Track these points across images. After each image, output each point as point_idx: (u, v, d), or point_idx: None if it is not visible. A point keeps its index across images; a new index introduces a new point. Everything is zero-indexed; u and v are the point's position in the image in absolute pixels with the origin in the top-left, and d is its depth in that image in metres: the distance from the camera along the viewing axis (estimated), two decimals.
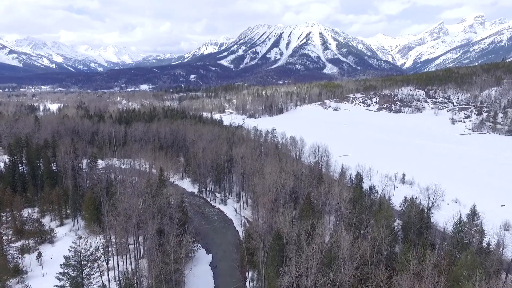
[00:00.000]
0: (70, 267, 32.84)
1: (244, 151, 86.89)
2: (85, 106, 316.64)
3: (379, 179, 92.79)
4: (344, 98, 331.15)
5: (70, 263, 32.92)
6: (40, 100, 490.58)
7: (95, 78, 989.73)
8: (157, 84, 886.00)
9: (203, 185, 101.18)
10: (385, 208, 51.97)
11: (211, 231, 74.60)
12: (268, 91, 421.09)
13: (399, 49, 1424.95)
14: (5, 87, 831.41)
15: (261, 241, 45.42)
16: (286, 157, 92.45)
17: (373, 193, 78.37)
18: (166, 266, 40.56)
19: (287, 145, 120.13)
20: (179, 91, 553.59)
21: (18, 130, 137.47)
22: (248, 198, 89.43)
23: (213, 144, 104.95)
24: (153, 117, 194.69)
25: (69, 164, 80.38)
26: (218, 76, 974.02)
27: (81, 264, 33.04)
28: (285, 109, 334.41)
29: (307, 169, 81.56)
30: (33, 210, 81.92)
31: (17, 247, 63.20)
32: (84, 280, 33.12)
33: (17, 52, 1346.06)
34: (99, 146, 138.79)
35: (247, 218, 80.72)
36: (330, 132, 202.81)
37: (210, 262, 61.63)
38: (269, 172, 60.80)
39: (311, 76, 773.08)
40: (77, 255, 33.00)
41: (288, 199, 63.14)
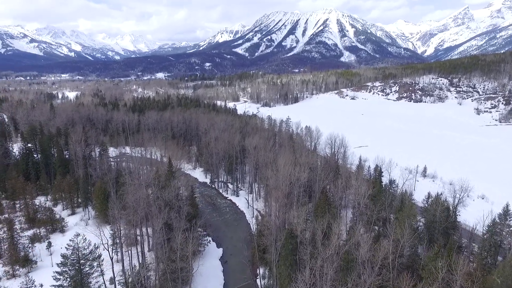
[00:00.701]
0: (67, 266, 31.00)
1: (257, 141, 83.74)
2: (101, 94, 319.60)
3: (399, 172, 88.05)
4: (362, 86, 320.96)
5: (67, 262, 31.08)
6: (59, 88, 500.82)
7: (112, 66, 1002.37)
8: (173, 72, 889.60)
9: (215, 175, 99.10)
10: (409, 207, 47.96)
11: (222, 224, 72.54)
12: (283, 80, 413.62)
13: (420, 36, 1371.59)
14: (27, 75, 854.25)
15: (273, 239, 42.59)
16: (301, 148, 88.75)
17: (393, 187, 74.11)
18: (172, 264, 38.45)
19: (302, 135, 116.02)
20: (194, 80, 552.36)
21: (34, 117, 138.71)
22: (261, 189, 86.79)
23: (226, 133, 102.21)
24: (167, 106, 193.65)
25: (80, 152, 79.45)
26: (233, 64, 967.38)
27: (79, 263, 31.21)
28: (300, 98, 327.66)
29: (322, 161, 77.73)
30: (46, 198, 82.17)
31: (28, 236, 63.06)
32: (84, 279, 31.27)
33: (38, 41, 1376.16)
34: (112, 135, 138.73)
35: (259, 210, 78.21)
36: (346, 122, 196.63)
37: (221, 257, 59.56)
38: (283, 165, 57.53)
39: (328, 64, 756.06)
40: (75, 253, 31.10)
41: (303, 193, 59.90)
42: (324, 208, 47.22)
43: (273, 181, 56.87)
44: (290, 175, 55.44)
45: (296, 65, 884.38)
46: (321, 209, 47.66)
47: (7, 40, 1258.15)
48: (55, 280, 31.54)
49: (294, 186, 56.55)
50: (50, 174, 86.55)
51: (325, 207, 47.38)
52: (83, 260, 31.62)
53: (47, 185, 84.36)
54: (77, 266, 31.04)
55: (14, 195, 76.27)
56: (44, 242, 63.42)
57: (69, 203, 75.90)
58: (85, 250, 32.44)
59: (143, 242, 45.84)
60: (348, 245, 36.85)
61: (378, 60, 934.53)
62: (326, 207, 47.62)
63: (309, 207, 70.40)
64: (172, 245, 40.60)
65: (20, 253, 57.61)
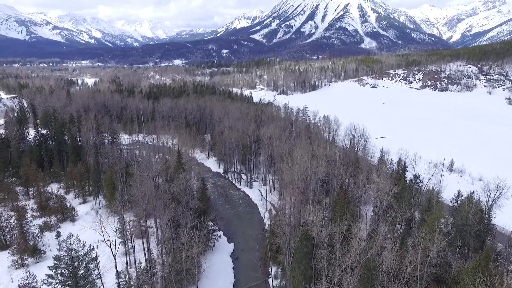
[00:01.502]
0: (60, 269, 28.68)
1: (272, 131, 79.74)
2: (119, 81, 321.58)
3: (423, 166, 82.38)
4: (383, 74, 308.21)
5: (59, 266, 28.69)
6: (79, 75, 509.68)
7: (131, 53, 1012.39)
8: (190, 59, 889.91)
9: (229, 165, 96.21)
10: (439, 208, 43.19)
11: (234, 217, 69.78)
12: (301, 67, 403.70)
13: (446, 21, 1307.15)
14: (50, 62, 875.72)
15: (286, 240, 39.14)
16: (319, 139, 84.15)
17: (417, 183, 68.89)
18: (177, 264, 35.81)
19: (319, 125, 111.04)
20: (211, 66, 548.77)
21: (51, 104, 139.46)
22: (276, 181, 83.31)
23: (240, 122, 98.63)
24: (182, 93, 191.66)
25: (91, 140, 78.03)
26: (251, 51, 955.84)
27: (73, 266, 28.86)
28: (318, 85, 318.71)
29: (341, 154, 72.98)
30: (59, 185, 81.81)
31: (39, 224, 62.42)
32: (79, 282, 28.93)
33: (60, 28, 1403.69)
34: (127, 122, 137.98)
35: (273, 204, 74.93)
36: (366, 111, 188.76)
37: (231, 253, 56.87)
38: (299, 158, 53.53)
39: (347, 51, 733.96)
40: (69, 254, 28.72)
41: (319, 188, 55.93)
42: (343, 207, 43.22)
43: (288, 175, 53.11)
44: (307, 169, 51.46)
45: (315, 52, 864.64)
46: (340, 208, 43.69)
47: (31, 28, 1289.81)
48: (47, 284, 29.36)
49: (310, 181, 52.59)
50: (63, 161, 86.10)
51: (344, 206, 43.35)
52: (77, 262, 29.25)
53: (60, 172, 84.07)
54: (70, 268, 28.71)
55: (27, 182, 76.15)
56: (54, 231, 62.93)
57: (80, 191, 75.07)
58: (80, 251, 29.98)
59: (149, 238, 43.37)
60: (371, 252, 32.88)
61: (400, 46, 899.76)
62: (345, 206, 43.57)
63: (326, 201, 66.56)
64: (177, 244, 37.89)
65: (30, 242, 57.02)
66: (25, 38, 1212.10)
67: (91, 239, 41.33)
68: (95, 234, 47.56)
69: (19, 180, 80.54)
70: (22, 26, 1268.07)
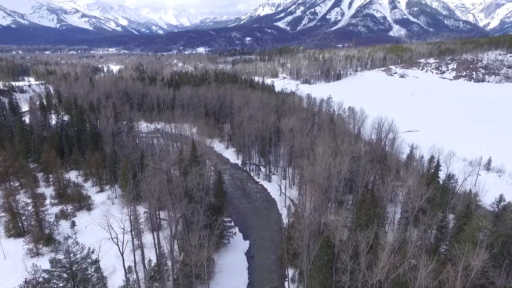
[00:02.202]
0: (57, 273, 26.71)
1: (294, 123, 75.58)
2: (142, 68, 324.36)
3: (456, 164, 75.92)
4: (413, 63, 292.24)
5: (55, 272, 26.67)
6: (106, 62, 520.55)
7: (156, 41, 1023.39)
8: (213, 47, 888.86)
9: (247, 157, 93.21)
10: (480, 216, 37.99)
11: (251, 212, 66.99)
12: (326, 55, 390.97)
13: (484, 7, 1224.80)
14: (78, 49, 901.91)
15: (305, 245, 35.69)
16: (343, 132, 79.12)
17: (451, 183, 63.07)
18: (186, 267, 33.38)
19: (344, 117, 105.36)
20: (233, 54, 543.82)
21: (75, 90, 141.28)
22: (295, 175, 79.57)
23: (260, 112, 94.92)
24: (203, 81, 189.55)
25: (108, 128, 77.12)
26: (274, 39, 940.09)
27: (71, 270, 26.88)
28: (343, 75, 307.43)
29: (368, 149, 67.79)
30: (78, 173, 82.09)
31: (56, 212, 62.37)
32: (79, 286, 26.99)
33: (88, 16, 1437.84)
34: (147, 110, 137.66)
35: (292, 199, 71.49)
36: (394, 102, 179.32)
37: (247, 251, 54.28)
38: (321, 154, 49.41)
39: (375, 39, 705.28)
40: (67, 257, 26.71)
41: (343, 187, 51.75)
42: (369, 211, 39.01)
43: (308, 172, 49.26)
44: (329, 167, 47.33)
45: (340, 40, 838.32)
46: (365, 211, 39.52)
47: (62, 16, 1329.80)
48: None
49: (333, 179, 48.47)
50: (83, 149, 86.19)
51: (370, 210, 39.13)
52: (76, 266, 27.28)
53: (80, 160, 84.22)
54: (69, 272, 26.76)
55: (47, 169, 76.66)
56: (70, 220, 62.75)
57: (97, 180, 74.67)
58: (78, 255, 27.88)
59: (159, 234, 41.21)
60: (402, 267, 28.84)
61: (432, 34, 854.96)
62: (372, 210, 39.31)
63: (348, 201, 62.25)
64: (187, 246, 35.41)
65: (46, 230, 56.94)
66: (56, 26, 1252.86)
67: (102, 232, 39.73)
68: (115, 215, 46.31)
69: (40, 166, 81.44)
70: (53, 14, 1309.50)
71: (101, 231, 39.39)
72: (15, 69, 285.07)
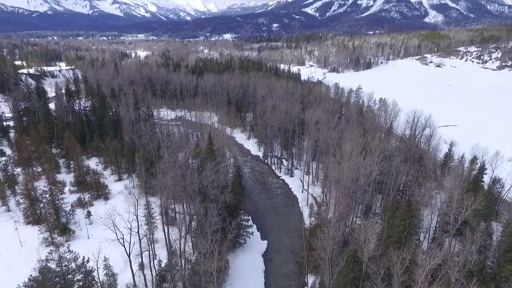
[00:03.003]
0: (47, 284, 24.33)
1: (320, 115, 70.30)
2: (168, 54, 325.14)
3: (502, 165, 67.87)
4: (451, 52, 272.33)
5: (45, 284, 24.22)
6: (134, 48, 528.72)
7: (183, 27, 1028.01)
8: (240, 33, 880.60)
9: (269, 149, 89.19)
10: None
11: (271, 209, 63.36)
12: (356, 42, 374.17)
13: None
14: (109, 35, 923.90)
15: (328, 258, 31.56)
16: (373, 126, 72.85)
17: (496, 188, 56.05)
18: (195, 276, 30.39)
19: (373, 108, 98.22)
20: (259, 41, 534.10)
21: (101, 76, 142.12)
22: (319, 171, 74.83)
23: (284, 102, 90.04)
24: (228, 68, 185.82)
25: (128, 116, 75.49)
26: (302, 25, 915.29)
27: (64, 280, 24.47)
28: (374, 63, 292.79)
29: (401, 145, 61.49)
30: (99, 160, 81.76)
31: (73, 201, 61.90)
32: None
33: (119, 2, 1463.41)
34: (170, 97, 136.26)
35: (315, 197, 67.10)
36: (429, 94, 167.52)
37: (264, 252, 50.93)
38: (349, 152, 44.45)
39: (409, 26, 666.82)
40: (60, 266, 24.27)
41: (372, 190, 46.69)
42: (404, 222, 33.90)
43: (334, 172, 44.55)
44: (358, 167, 42.36)
45: (371, 27, 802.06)
46: (399, 222, 34.46)
47: (94, 2, 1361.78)
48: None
49: (361, 181, 43.52)
50: (104, 136, 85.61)
51: (405, 221, 33.98)
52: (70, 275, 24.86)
53: (101, 147, 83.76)
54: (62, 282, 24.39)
55: (68, 155, 76.66)
56: (87, 209, 62.12)
57: (116, 168, 73.64)
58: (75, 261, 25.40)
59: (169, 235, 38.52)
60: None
61: (472, 20, 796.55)
62: (407, 221, 34.13)
63: (376, 199, 57.01)
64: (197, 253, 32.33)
65: (62, 219, 56.42)
66: (88, 12, 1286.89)
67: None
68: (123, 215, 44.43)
69: (62, 152, 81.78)
70: (86, 0, 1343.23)
71: (117, 223, 37.38)
72: (48, 55, 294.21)
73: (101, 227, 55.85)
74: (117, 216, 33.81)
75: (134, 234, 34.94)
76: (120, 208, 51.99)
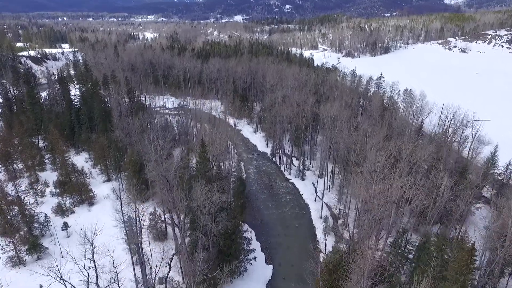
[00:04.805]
0: None
1: (337, 111, 59.75)
2: (176, 37, 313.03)
3: None
4: (478, 36, 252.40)
5: None
6: (143, 29, 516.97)
7: (193, 8, 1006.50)
8: (251, 15, 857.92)
9: (278, 145, 79.46)
10: None
11: (278, 221, 54.36)
12: (373, 25, 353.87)
13: None
14: (119, 17, 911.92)
15: None
16: (402, 124, 61.92)
17: None
18: None
19: (398, 101, 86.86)
20: (271, 23, 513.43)
21: (99, 60, 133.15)
22: (336, 173, 65.18)
23: (296, 93, 79.59)
24: (236, 52, 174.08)
25: (117, 108, 66.57)
26: (315, 6, 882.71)
27: None
28: (392, 47, 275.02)
29: (434, 149, 50.72)
30: (88, 155, 73.66)
31: (52, 207, 54.13)
32: None
33: None
34: (172, 83, 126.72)
35: (330, 207, 57.75)
36: (453, 82, 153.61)
37: (269, 281, 42.23)
38: (378, 170, 34.56)
39: (427, 8, 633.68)
40: None
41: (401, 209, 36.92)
42: (464, 278, 24.12)
43: (357, 190, 34.89)
44: (391, 189, 32.44)
45: (388, 9, 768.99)
46: (455, 277, 24.77)
47: None
48: None
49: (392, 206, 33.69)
50: (96, 128, 77.08)
51: (465, 276, 24.26)
52: None
53: (90, 141, 75.44)
54: None
55: (53, 150, 68.66)
56: (68, 215, 54.39)
57: (104, 167, 65.37)
58: None
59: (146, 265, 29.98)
60: None
61: (496, 2, 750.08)
62: (465, 277, 24.37)
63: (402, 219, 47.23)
64: None
65: (35, 231, 48.81)
66: None
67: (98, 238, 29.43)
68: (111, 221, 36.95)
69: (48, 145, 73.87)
70: None
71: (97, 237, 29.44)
72: (52, 36, 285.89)
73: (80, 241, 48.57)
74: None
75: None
76: (106, 217, 44.20)
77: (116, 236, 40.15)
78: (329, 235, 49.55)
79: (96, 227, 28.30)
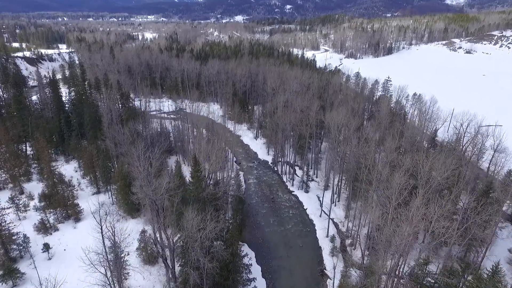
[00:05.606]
0: None
1: (344, 118, 55.20)
2: (176, 37, 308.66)
3: None
4: (483, 36, 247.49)
5: None
6: (143, 30, 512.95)
7: (194, 8, 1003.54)
8: (252, 15, 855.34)
9: (280, 154, 74.91)
10: None
11: (280, 240, 49.79)
12: (375, 25, 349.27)
13: None
14: (119, 17, 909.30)
15: None
16: (414, 133, 57.26)
17: None
18: None
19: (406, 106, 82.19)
20: (271, 23, 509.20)
21: (94, 61, 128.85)
22: (343, 185, 60.69)
23: (299, 98, 75.02)
24: (236, 53, 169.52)
25: (107, 115, 62.12)
26: (316, 7, 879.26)
27: None
28: (394, 48, 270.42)
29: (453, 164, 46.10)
30: (78, 164, 69.12)
31: (34, 223, 49.61)
32: None
33: None
34: (170, 86, 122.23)
35: (337, 223, 53.22)
36: (459, 85, 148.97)
37: None
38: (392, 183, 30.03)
39: (429, 8, 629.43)
40: None
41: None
42: None
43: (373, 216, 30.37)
44: (414, 218, 27.93)
45: (389, 9, 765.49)
46: None
47: None
48: None
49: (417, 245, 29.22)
50: (86, 136, 72.61)
51: None
52: None
53: (80, 148, 70.87)
54: None
55: (39, 160, 64.20)
56: (51, 233, 49.92)
57: (93, 179, 60.82)
58: None
59: None
60: None
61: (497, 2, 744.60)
62: None
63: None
64: None
65: (13, 253, 44.34)
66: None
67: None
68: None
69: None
70: None
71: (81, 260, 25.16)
72: (49, 36, 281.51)
73: (63, 264, 44.08)
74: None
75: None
76: (91, 238, 39.58)
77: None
78: (336, 257, 45.06)
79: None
